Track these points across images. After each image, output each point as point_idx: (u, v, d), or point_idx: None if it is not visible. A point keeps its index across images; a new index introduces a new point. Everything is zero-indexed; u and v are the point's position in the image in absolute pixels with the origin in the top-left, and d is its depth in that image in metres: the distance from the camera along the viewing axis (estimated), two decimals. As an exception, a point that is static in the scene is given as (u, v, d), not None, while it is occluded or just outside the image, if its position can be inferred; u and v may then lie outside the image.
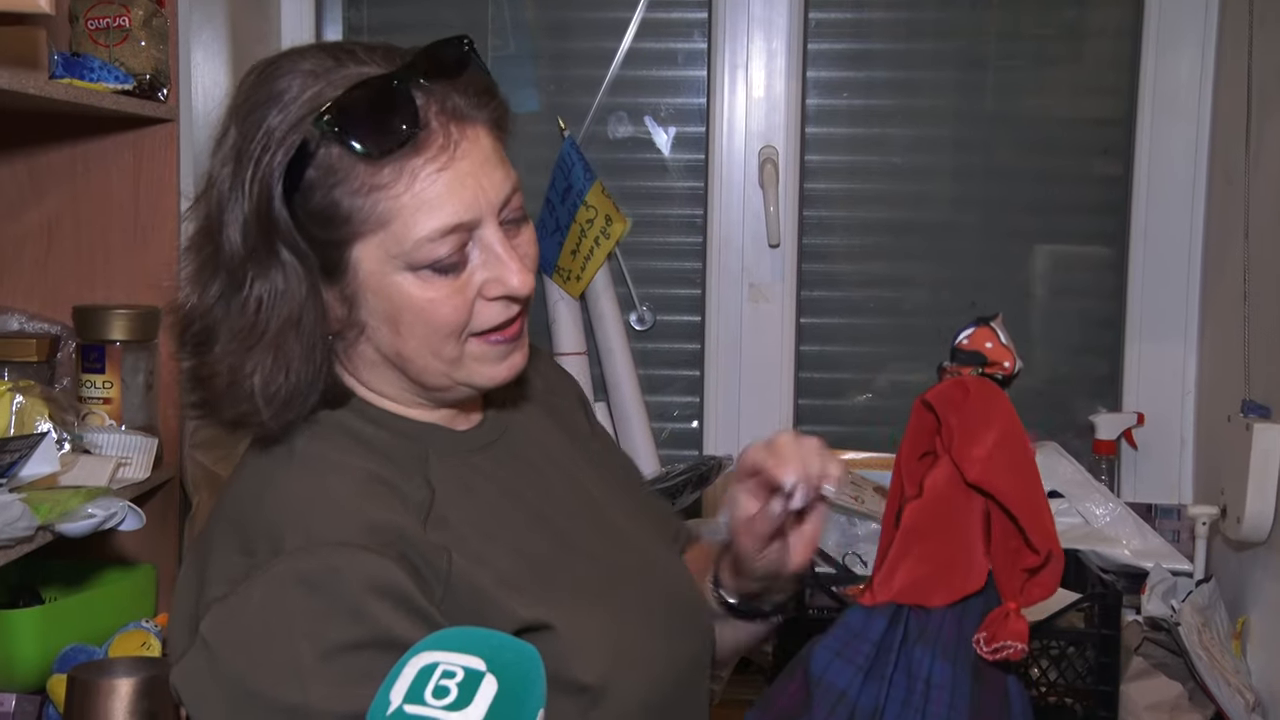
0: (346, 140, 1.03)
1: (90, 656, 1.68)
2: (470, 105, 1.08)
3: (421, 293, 1.07)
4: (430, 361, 1.11)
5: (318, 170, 1.05)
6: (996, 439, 1.05)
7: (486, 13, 2.42)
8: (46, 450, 1.54)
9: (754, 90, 2.38)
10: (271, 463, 1.12)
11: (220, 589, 1.04)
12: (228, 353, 1.08)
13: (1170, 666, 2.00)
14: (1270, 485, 1.91)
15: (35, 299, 1.94)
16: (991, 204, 2.43)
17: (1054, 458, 2.26)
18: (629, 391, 2.34)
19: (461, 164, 1.06)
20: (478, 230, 1.08)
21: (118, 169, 1.93)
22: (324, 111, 1.03)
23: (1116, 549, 2.15)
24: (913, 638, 1.04)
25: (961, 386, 1.07)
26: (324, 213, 1.05)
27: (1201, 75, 2.30)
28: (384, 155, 1.04)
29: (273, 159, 1.04)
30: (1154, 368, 2.36)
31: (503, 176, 1.09)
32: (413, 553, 1.06)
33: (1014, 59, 2.44)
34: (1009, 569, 1.04)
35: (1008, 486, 1.03)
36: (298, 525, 1.05)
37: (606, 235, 2.28)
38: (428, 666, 0.81)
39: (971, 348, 1.09)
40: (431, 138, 1.05)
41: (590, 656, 1.10)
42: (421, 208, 1.05)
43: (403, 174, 1.05)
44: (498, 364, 1.13)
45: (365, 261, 1.07)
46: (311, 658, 1.00)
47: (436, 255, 1.06)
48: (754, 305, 2.41)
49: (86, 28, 1.84)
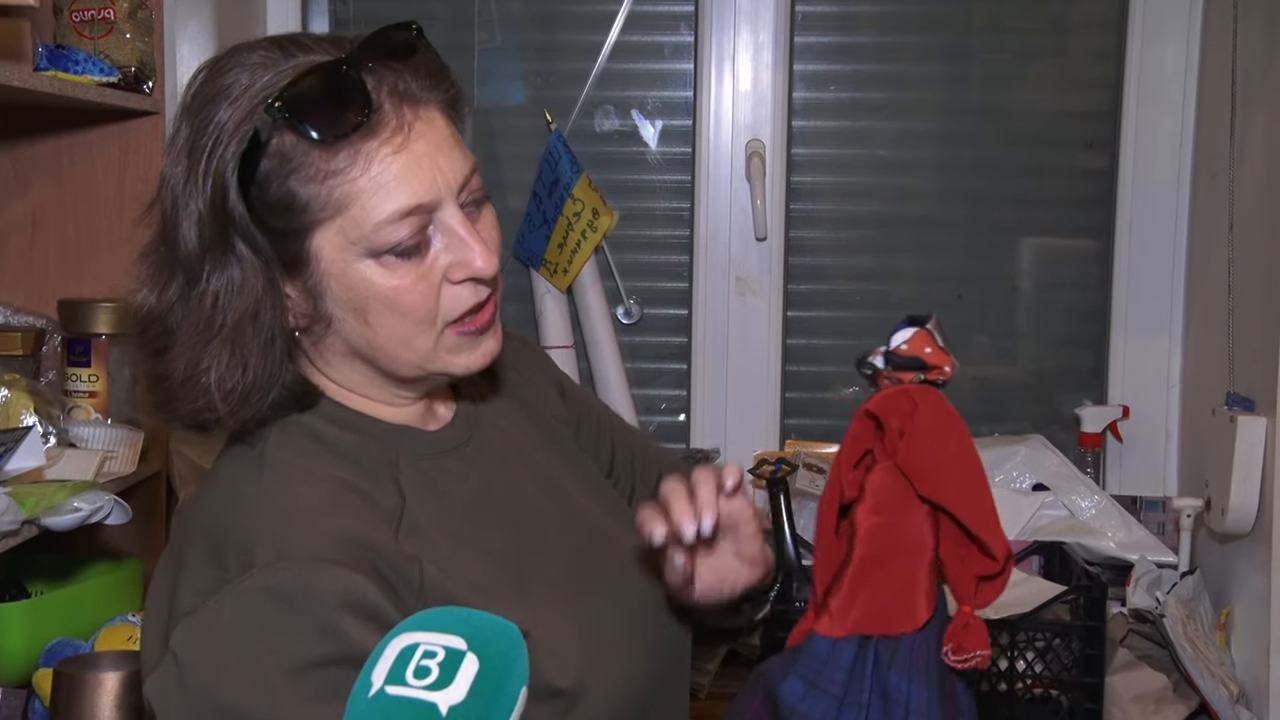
0: (299, 126, 1.03)
1: (76, 650, 1.68)
2: (422, 87, 1.08)
3: (385, 280, 1.07)
4: (402, 353, 1.10)
5: (271, 160, 1.04)
6: (953, 452, 1.03)
7: (473, 6, 2.42)
8: (32, 444, 1.54)
9: (741, 83, 2.38)
10: (242, 471, 1.11)
11: (191, 601, 1.03)
12: (184, 349, 1.07)
13: (1155, 658, 2.01)
14: (1254, 478, 1.92)
15: (20, 292, 1.93)
16: (977, 197, 2.44)
17: (1040, 451, 2.27)
18: (616, 385, 2.34)
19: (417, 145, 1.06)
20: (437, 213, 1.08)
21: (103, 162, 1.93)
22: (275, 99, 1.03)
23: (1102, 541, 2.16)
24: (884, 662, 1.02)
25: (908, 397, 1.04)
26: (280, 202, 1.05)
27: (1186, 68, 2.31)
28: (338, 140, 1.03)
29: (225, 152, 1.04)
30: (1139, 361, 2.37)
31: (460, 157, 1.09)
32: (384, 565, 1.05)
33: (1000, 52, 2.44)
34: (962, 574, 1.02)
35: (964, 499, 1.01)
36: (269, 539, 1.04)
37: (593, 228, 2.28)
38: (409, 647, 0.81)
39: (911, 353, 1.05)
40: (385, 120, 1.05)
41: (564, 660, 1.10)
42: (379, 190, 1.05)
43: (358, 158, 1.04)
44: (472, 352, 1.12)
45: (326, 249, 1.06)
46: (280, 674, 0.99)
47: (396, 238, 1.06)
48: (741, 298, 2.41)
49: (71, 20, 1.83)
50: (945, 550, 1.03)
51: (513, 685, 0.81)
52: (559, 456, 1.30)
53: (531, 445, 1.27)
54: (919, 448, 1.02)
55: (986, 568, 1.02)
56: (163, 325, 1.09)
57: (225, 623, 1.01)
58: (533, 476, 1.24)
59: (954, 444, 1.03)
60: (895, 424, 1.03)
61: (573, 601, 1.15)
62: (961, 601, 1.03)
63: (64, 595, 1.78)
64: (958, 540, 1.02)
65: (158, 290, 1.09)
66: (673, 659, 1.25)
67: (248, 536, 1.04)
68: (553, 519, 1.21)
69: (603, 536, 1.25)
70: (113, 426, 1.80)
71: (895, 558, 1.03)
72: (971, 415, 2.40)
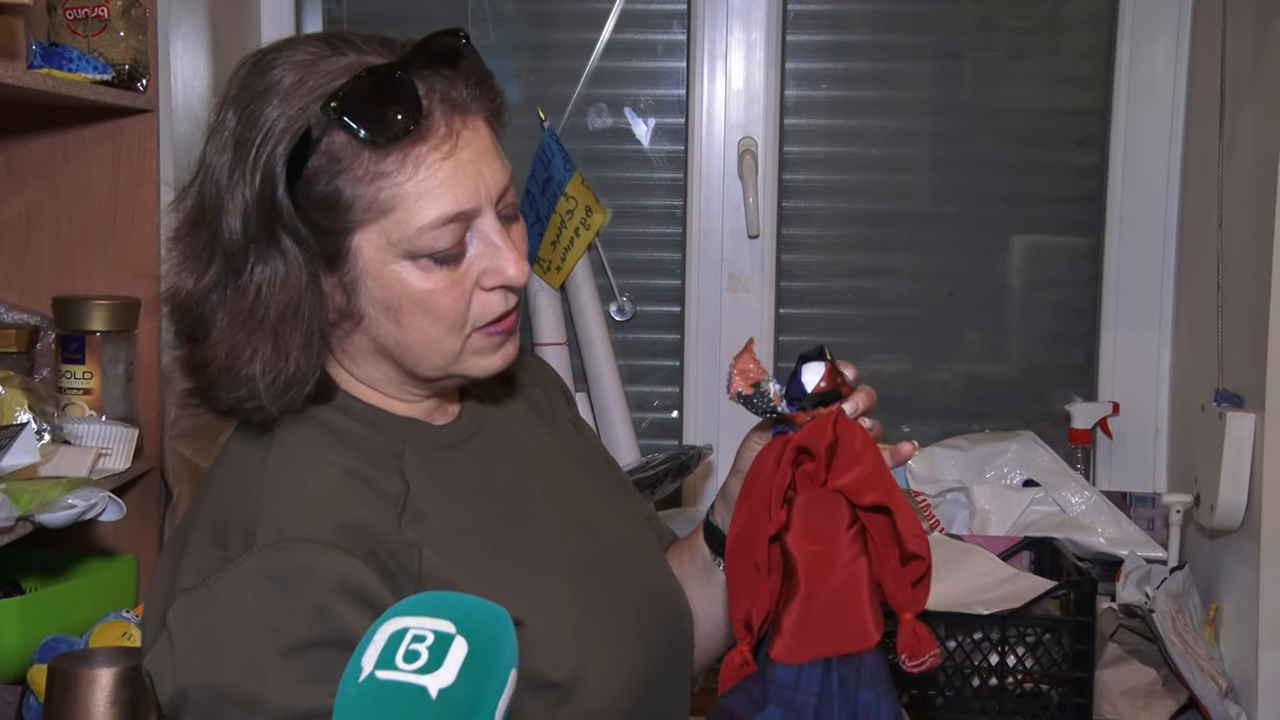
0: (352, 127, 1.04)
1: (71, 647, 1.68)
2: (470, 96, 1.09)
3: (421, 282, 1.08)
4: (429, 354, 1.12)
5: (321, 158, 1.05)
6: (876, 458, 1.07)
7: (467, 4, 2.43)
8: (26, 441, 1.54)
9: (733, 82, 2.39)
10: (251, 455, 1.12)
11: (191, 579, 1.05)
12: (225, 338, 1.08)
13: (1144, 653, 2.02)
14: (1243, 473, 1.93)
15: (14, 289, 1.94)
16: (969, 194, 2.45)
17: (1030, 447, 2.28)
18: (609, 382, 2.35)
19: (463, 154, 1.07)
20: (476, 220, 1.09)
21: (97, 159, 1.93)
22: (330, 98, 1.04)
23: (1092, 537, 2.17)
24: (850, 681, 1.05)
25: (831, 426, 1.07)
26: (327, 200, 1.06)
27: (1176, 65, 2.32)
28: (389, 143, 1.04)
29: (275, 147, 1.05)
30: (1129, 357, 2.38)
31: (500, 167, 1.11)
32: (383, 551, 1.07)
33: (990, 51, 2.45)
34: (895, 584, 1.06)
35: (899, 500, 1.05)
36: (270, 521, 1.05)
37: (586, 226, 2.29)
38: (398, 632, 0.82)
39: (829, 387, 1.09)
40: (434, 127, 1.06)
41: (559, 653, 1.11)
42: (424, 195, 1.06)
43: (406, 162, 1.05)
44: (493, 354, 1.14)
45: (366, 249, 1.07)
46: (273, 652, 1.00)
47: (438, 244, 1.07)
48: (733, 296, 2.42)
49: (65, 18, 1.83)
50: (877, 567, 1.06)
51: (502, 668, 0.82)
52: (568, 457, 1.31)
53: (538, 442, 1.28)
54: (860, 464, 1.06)
55: (916, 571, 1.05)
56: (200, 311, 1.10)
57: (223, 600, 1.03)
58: (539, 475, 1.25)
59: (878, 453, 1.08)
60: (824, 451, 1.06)
61: (573, 598, 1.16)
62: (901, 610, 1.06)
63: (58, 592, 1.78)
64: (888, 555, 1.06)
65: (195, 275, 1.10)
66: (675, 662, 1.25)
67: (250, 518, 1.06)
68: (558, 517, 1.22)
69: (610, 537, 1.26)
70: (107, 423, 1.80)
71: (840, 581, 1.06)
72: (962, 411, 2.44)
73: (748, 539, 1.08)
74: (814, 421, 1.08)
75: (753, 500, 1.09)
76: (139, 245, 1.92)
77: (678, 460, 2.14)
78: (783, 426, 1.10)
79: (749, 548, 1.08)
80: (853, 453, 1.06)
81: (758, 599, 1.08)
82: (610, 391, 2.34)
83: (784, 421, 1.10)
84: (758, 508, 1.08)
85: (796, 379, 1.10)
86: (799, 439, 1.07)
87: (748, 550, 1.08)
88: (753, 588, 1.08)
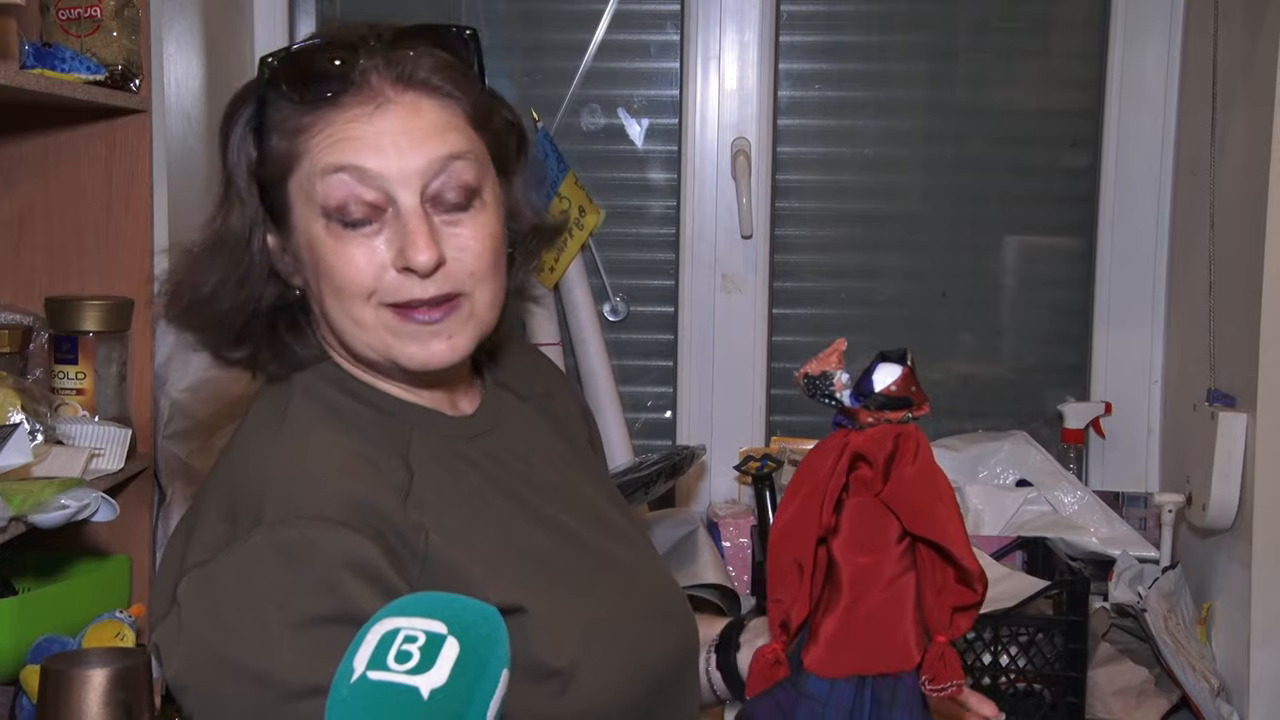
0: (278, 84, 1.11)
1: (64, 647, 1.68)
2: (428, 74, 1.11)
3: (329, 241, 1.11)
4: (345, 324, 1.13)
5: (268, 118, 1.13)
6: (943, 489, 1.02)
7: (460, 4, 2.43)
8: (19, 441, 1.54)
9: (726, 82, 2.39)
10: (261, 434, 1.15)
11: (201, 555, 1.07)
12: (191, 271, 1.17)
13: (1137, 652, 2.02)
14: (1234, 473, 1.94)
15: (7, 290, 1.93)
16: (961, 195, 2.45)
17: (1023, 447, 2.28)
18: (603, 382, 2.35)
19: (382, 121, 1.10)
20: (395, 197, 1.10)
21: (90, 160, 1.93)
22: (272, 56, 1.11)
23: (1084, 537, 2.17)
24: (884, 702, 1.02)
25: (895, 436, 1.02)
26: (267, 152, 1.13)
27: (1167, 67, 2.32)
28: (309, 104, 1.10)
29: (246, 110, 1.15)
30: (1121, 357, 2.38)
31: (436, 148, 1.10)
32: (389, 530, 1.08)
33: (983, 52, 2.45)
34: (936, 604, 1.02)
35: (955, 536, 1.01)
36: (279, 498, 1.07)
37: (580, 226, 2.29)
38: (389, 632, 0.82)
39: (900, 393, 1.02)
40: (362, 96, 1.10)
41: (561, 641, 1.11)
42: (329, 147, 1.10)
43: (322, 119, 1.10)
44: (417, 346, 1.12)
45: (295, 204, 1.12)
46: (281, 627, 1.01)
47: (331, 198, 1.09)
48: (727, 296, 2.42)
49: (58, 18, 1.83)
50: (923, 583, 1.03)
51: (494, 667, 0.82)
52: (581, 466, 1.32)
53: (554, 450, 1.29)
54: (916, 486, 1.01)
55: (964, 598, 1.02)
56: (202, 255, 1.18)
57: (231, 576, 1.04)
58: (552, 477, 1.25)
59: (943, 482, 1.03)
60: (882, 462, 1.02)
61: (579, 589, 1.17)
62: (937, 631, 1.02)
63: (51, 592, 1.78)
64: (934, 572, 1.02)
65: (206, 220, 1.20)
66: (680, 670, 1.26)
67: (259, 495, 1.08)
68: (568, 516, 1.23)
69: (618, 541, 1.26)
70: (100, 424, 1.80)
71: (885, 596, 1.02)
72: (955, 411, 2.44)
73: (794, 536, 1.04)
74: (876, 428, 1.02)
75: (802, 497, 1.04)
76: (132, 246, 1.92)
77: (671, 461, 2.14)
78: (843, 419, 1.04)
79: (794, 545, 1.04)
80: (917, 472, 1.01)
81: (799, 600, 1.04)
82: (604, 392, 2.34)
83: (846, 414, 1.04)
84: (808, 506, 1.03)
85: (868, 375, 1.04)
86: (857, 444, 1.02)
87: (792, 547, 1.04)
88: (794, 586, 1.04)
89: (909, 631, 1.02)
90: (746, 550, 2.20)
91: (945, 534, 1.01)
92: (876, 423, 1.02)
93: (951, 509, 1.02)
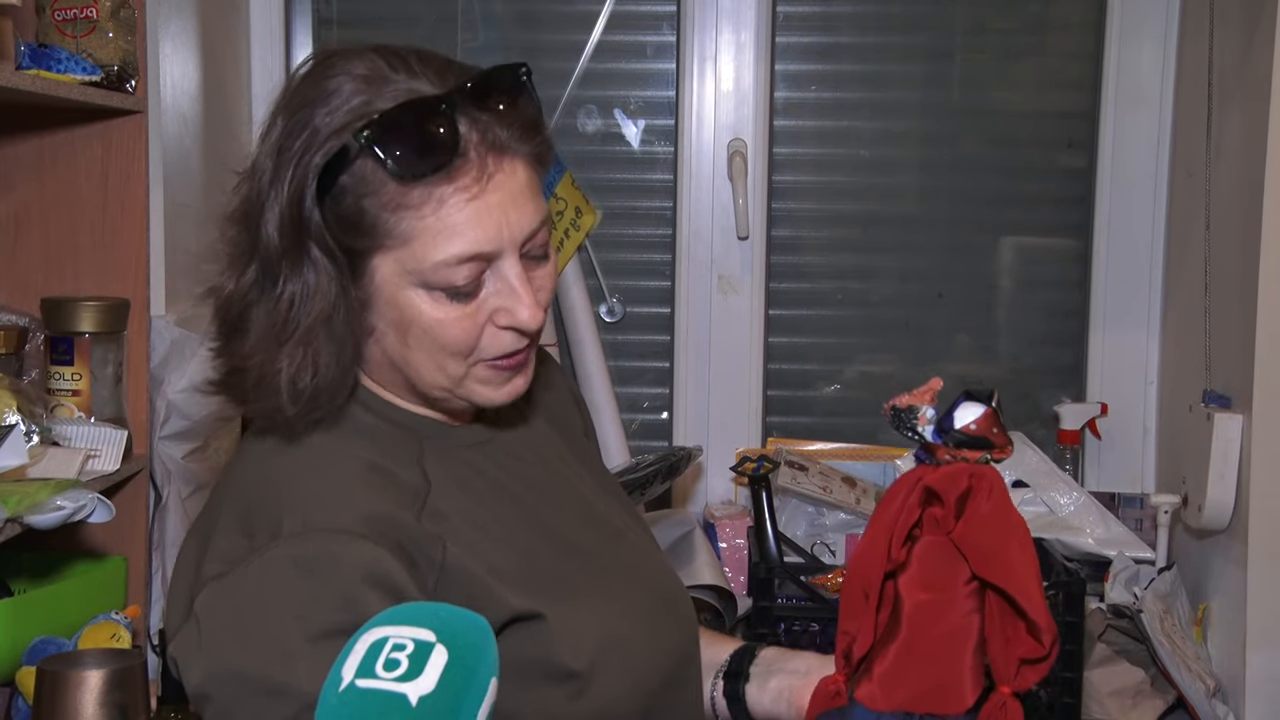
0: (381, 157, 1.05)
1: (60, 648, 1.68)
2: (513, 138, 1.09)
3: (432, 311, 1.09)
4: (433, 375, 1.13)
5: (351, 177, 1.06)
6: (1019, 537, 1.00)
7: (456, 5, 2.42)
8: (15, 442, 1.54)
9: (723, 83, 2.39)
10: (274, 446, 1.14)
11: (218, 567, 1.06)
12: (258, 350, 1.10)
13: (1133, 653, 2.02)
14: (1230, 474, 1.94)
15: (3, 291, 1.93)
16: (958, 196, 2.45)
17: (1019, 448, 2.28)
18: (599, 383, 2.35)
19: (491, 196, 1.07)
20: (497, 261, 1.09)
21: (86, 161, 1.93)
22: (367, 125, 1.05)
23: (1080, 537, 2.17)
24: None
25: (970, 476, 1.01)
26: (350, 219, 1.07)
27: (1163, 68, 2.33)
28: (415, 179, 1.05)
29: (311, 159, 1.06)
30: (1117, 358, 2.39)
31: (532, 211, 1.11)
32: (408, 542, 1.08)
33: (980, 53, 2.46)
34: (1004, 653, 1.00)
35: (1025, 585, 0.99)
36: (297, 511, 1.07)
37: (576, 227, 2.29)
38: (378, 641, 0.83)
39: (980, 433, 1.01)
40: (467, 167, 1.06)
41: (579, 644, 1.12)
42: (443, 232, 1.06)
43: (431, 198, 1.06)
44: (499, 388, 1.15)
45: (382, 270, 1.08)
46: (300, 639, 1.01)
47: (451, 280, 1.08)
48: (723, 297, 2.42)
49: (54, 19, 1.83)
50: (990, 629, 1.01)
51: (482, 675, 0.83)
52: (578, 460, 1.32)
53: (551, 448, 1.29)
54: (987, 529, 1.00)
55: (1032, 650, 1.00)
56: (238, 310, 1.12)
57: (249, 589, 1.04)
58: (552, 476, 1.26)
59: (1019, 528, 1.01)
60: (954, 500, 1.01)
61: (591, 592, 1.18)
62: (1002, 682, 1.01)
63: (47, 593, 1.78)
64: (1004, 619, 1.00)
65: (236, 276, 1.12)
66: (686, 667, 1.26)
67: (277, 507, 1.08)
68: (571, 517, 1.24)
69: (618, 537, 1.27)
70: (96, 425, 1.80)
71: (944, 636, 1.01)
72: (951, 412, 2.44)
73: (863, 567, 1.03)
74: (951, 466, 1.01)
75: (873, 529, 1.03)
76: (128, 247, 1.92)
77: (667, 461, 2.14)
78: (923, 454, 1.04)
79: (862, 576, 1.03)
80: (989, 515, 1.00)
81: (863, 631, 1.03)
82: (600, 393, 2.34)
83: (926, 449, 1.04)
84: (878, 539, 1.03)
85: (951, 411, 1.04)
86: (931, 479, 1.02)
87: (861, 578, 1.03)
88: (860, 616, 1.03)
89: (965, 675, 1.01)
90: (743, 551, 2.20)
91: (1013, 581, 0.99)
92: (953, 460, 1.01)
93: (1025, 556, 1.00)
